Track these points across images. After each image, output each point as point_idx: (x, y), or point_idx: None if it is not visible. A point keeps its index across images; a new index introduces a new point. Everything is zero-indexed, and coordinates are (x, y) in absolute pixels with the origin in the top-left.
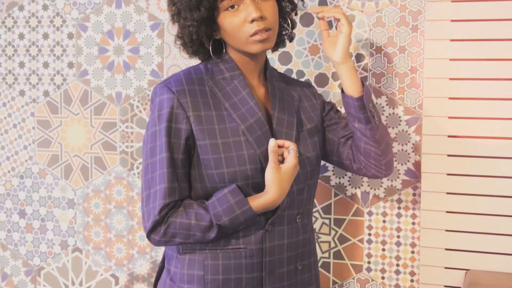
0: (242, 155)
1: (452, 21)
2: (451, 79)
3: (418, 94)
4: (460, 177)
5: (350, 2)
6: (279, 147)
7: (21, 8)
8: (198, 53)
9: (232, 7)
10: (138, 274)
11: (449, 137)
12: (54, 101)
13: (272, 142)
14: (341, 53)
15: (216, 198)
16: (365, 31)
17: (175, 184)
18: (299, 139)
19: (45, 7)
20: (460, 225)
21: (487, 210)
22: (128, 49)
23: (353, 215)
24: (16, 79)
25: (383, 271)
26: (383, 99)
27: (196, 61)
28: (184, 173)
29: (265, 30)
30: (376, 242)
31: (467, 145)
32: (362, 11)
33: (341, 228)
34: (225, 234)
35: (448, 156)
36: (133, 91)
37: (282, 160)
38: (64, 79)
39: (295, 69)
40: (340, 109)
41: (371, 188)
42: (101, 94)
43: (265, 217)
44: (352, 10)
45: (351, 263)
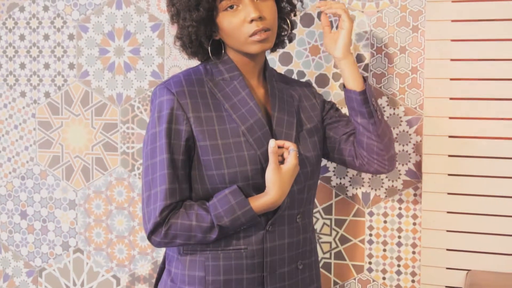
0: (242, 155)
1: (453, 21)
2: (452, 79)
3: (419, 94)
4: (461, 177)
5: (350, 2)
6: (279, 147)
7: (21, 9)
8: (197, 54)
9: (231, 7)
10: (139, 275)
11: (450, 137)
12: (55, 102)
13: (272, 143)
14: (342, 48)
15: (217, 199)
16: (366, 32)
17: (175, 185)
18: (299, 139)
19: (45, 8)
20: (461, 225)
21: (488, 210)
22: (129, 50)
23: (354, 215)
24: (17, 80)
25: (384, 271)
26: (383, 99)
27: (197, 61)
28: (184, 174)
29: (264, 30)
30: (377, 243)
31: (468, 145)
32: (363, 12)
33: (342, 228)
34: (226, 235)
35: (449, 156)
36: (134, 92)
37: (282, 160)
38: (65, 80)
39: (295, 69)
40: (342, 109)
41: (372, 188)
42: (102, 95)
43: (266, 217)
44: (353, 10)
45: (352, 263)
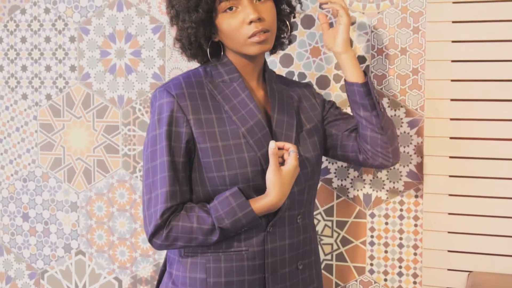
0: (242, 157)
1: (454, 22)
2: (452, 80)
3: (419, 95)
4: (462, 178)
5: (351, 4)
6: (279, 149)
7: (23, 12)
8: (196, 56)
9: (230, 9)
10: (141, 277)
11: (451, 138)
12: (57, 105)
13: (272, 145)
14: (342, 43)
15: (217, 201)
16: (366, 33)
17: (176, 187)
18: (298, 140)
19: (47, 11)
20: (463, 226)
21: (489, 211)
22: (130, 52)
23: (355, 217)
24: (18, 82)
25: (385, 273)
26: (384, 100)
27: (197, 64)
28: (185, 176)
29: (263, 31)
30: (379, 244)
31: (469, 146)
32: (363, 13)
33: (344, 230)
34: (227, 237)
35: (450, 157)
36: (135, 94)
37: (283, 162)
38: (66, 83)
39: (296, 71)
40: (344, 110)
41: (373, 190)
42: (103, 97)
43: (266, 219)
44: (353, 12)
45: (353, 265)
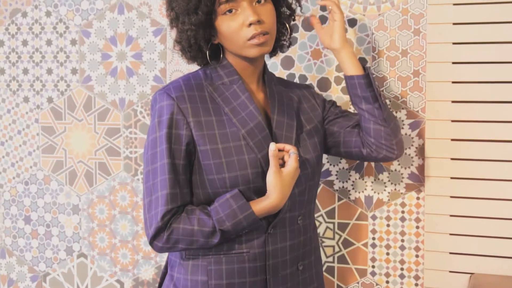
0: (243, 159)
1: (454, 24)
2: (453, 82)
3: (421, 97)
4: (463, 180)
5: (352, 6)
6: (279, 150)
7: (24, 15)
8: (196, 58)
9: (230, 11)
10: (143, 280)
11: (452, 140)
12: (58, 107)
13: (272, 146)
14: (339, 39)
15: (218, 203)
16: (367, 35)
17: (176, 190)
18: (299, 141)
19: (48, 14)
20: (464, 228)
21: (491, 213)
22: (131, 55)
23: (357, 219)
24: (20, 85)
25: (387, 275)
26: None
27: (198, 66)
28: (185, 179)
29: (262, 34)
30: (380, 246)
31: (470, 148)
32: (364, 15)
33: (345, 232)
34: (228, 239)
35: (452, 159)
36: (136, 97)
37: (283, 163)
38: (68, 85)
39: (297, 73)
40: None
41: (374, 192)
42: (104, 100)
43: (267, 220)
44: (354, 14)
45: (355, 267)
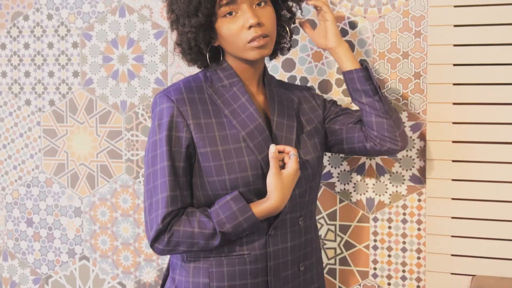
0: (243, 161)
1: (455, 26)
2: (455, 84)
3: (422, 99)
4: (465, 182)
5: (352, 8)
6: (279, 152)
7: (26, 18)
8: (196, 60)
9: (230, 13)
10: (145, 282)
11: (453, 142)
12: (60, 110)
13: (272, 148)
14: (334, 37)
15: (218, 206)
16: (368, 37)
17: (177, 192)
18: (299, 142)
19: (49, 17)
20: (466, 230)
21: (492, 215)
22: (132, 58)
23: (358, 221)
24: (21, 88)
25: (389, 277)
26: None
27: (198, 68)
28: (185, 181)
29: (262, 36)
30: (382, 248)
31: (472, 150)
32: (365, 17)
33: (347, 234)
34: (228, 241)
35: (453, 161)
36: (138, 100)
37: (283, 165)
38: (69, 88)
39: (298, 75)
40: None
41: (376, 194)
42: (106, 102)
43: (268, 222)
44: (355, 16)
45: (357, 269)
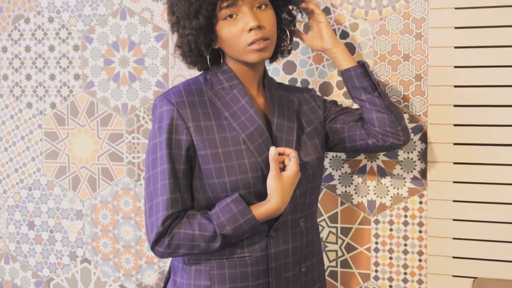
0: (243, 163)
1: (456, 28)
2: (456, 86)
3: (423, 101)
4: (466, 184)
5: (353, 10)
6: (279, 154)
7: (27, 21)
8: (196, 63)
9: (231, 16)
10: (146, 285)
11: (454, 144)
12: (61, 113)
13: (272, 150)
14: (330, 38)
15: (219, 208)
16: (369, 39)
17: (177, 195)
18: (299, 144)
19: (50, 20)
20: (467, 233)
21: (494, 217)
22: (133, 60)
23: (359, 223)
24: (23, 91)
25: (390, 279)
26: None
27: (198, 70)
28: (186, 183)
29: (262, 39)
30: (383, 251)
31: (473, 152)
32: (366, 19)
33: (348, 236)
34: (229, 244)
35: (454, 163)
36: (139, 102)
37: (283, 167)
38: (71, 91)
39: (299, 78)
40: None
41: (377, 196)
42: (107, 105)
43: (268, 224)
44: (356, 18)
45: (358, 271)
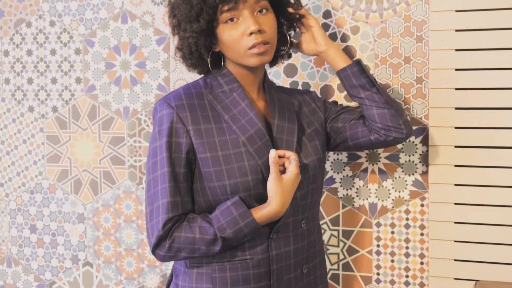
0: (243, 166)
1: (457, 31)
2: (457, 89)
3: (424, 104)
4: (468, 187)
5: (354, 13)
6: (280, 157)
7: (28, 25)
8: (197, 66)
9: (232, 20)
10: None
11: (456, 147)
12: (63, 117)
13: (272, 153)
14: (323, 40)
15: (219, 211)
16: (370, 42)
17: (177, 198)
18: (300, 145)
19: (52, 24)
20: (469, 235)
21: (496, 220)
22: (135, 64)
23: (361, 226)
24: (25, 95)
25: (392, 282)
26: None
27: (198, 73)
28: (186, 187)
29: (263, 43)
30: (385, 254)
31: (474, 155)
32: (367, 22)
33: (350, 239)
34: (230, 247)
35: (455, 166)
36: (140, 106)
37: (284, 170)
38: (72, 95)
39: (300, 81)
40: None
41: (378, 199)
42: (108, 109)
43: (269, 226)
44: (357, 21)
45: (360, 274)
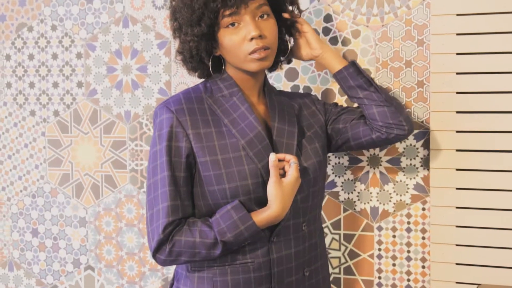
0: (243, 170)
1: (458, 34)
2: (458, 93)
3: (425, 108)
4: (469, 191)
5: (355, 17)
6: (279, 160)
7: (30, 29)
8: (197, 69)
9: (233, 24)
10: None
11: (457, 151)
12: (64, 121)
13: (272, 157)
14: (318, 44)
15: (219, 215)
16: (371, 46)
17: (177, 202)
18: (300, 148)
19: (53, 28)
20: (471, 239)
21: (497, 224)
22: (136, 68)
23: (362, 230)
24: (26, 99)
25: (394, 286)
26: None
27: (198, 77)
28: (186, 191)
29: (263, 48)
30: (387, 257)
31: (476, 159)
32: (367, 26)
33: (351, 243)
34: (230, 251)
35: (457, 170)
36: (142, 110)
37: (284, 173)
38: (74, 99)
39: (301, 85)
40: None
41: (380, 203)
42: (110, 113)
43: (270, 229)
44: (357, 25)
45: (361, 278)
